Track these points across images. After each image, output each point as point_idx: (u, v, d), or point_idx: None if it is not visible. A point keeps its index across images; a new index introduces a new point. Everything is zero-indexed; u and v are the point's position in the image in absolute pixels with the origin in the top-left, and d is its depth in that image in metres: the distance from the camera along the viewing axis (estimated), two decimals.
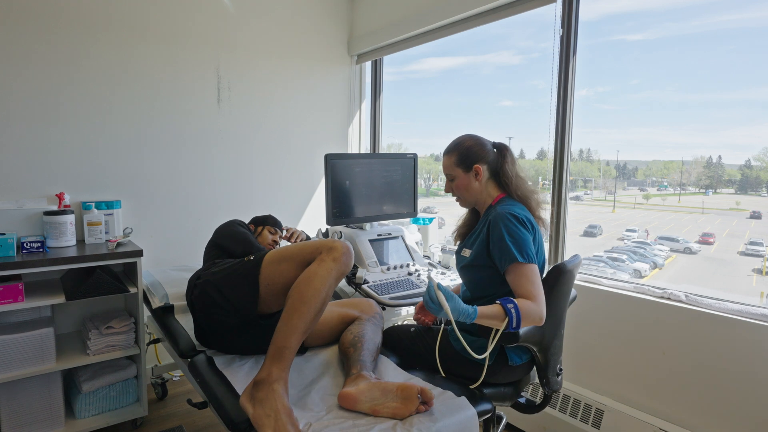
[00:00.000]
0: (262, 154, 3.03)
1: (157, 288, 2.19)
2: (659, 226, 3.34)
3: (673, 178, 3.12)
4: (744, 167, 2.81)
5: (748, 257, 2.74)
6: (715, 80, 2.63)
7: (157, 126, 2.65)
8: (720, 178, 2.90)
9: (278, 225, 2.31)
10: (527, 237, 1.49)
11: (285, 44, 3.04)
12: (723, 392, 1.73)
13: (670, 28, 2.56)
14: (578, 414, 2.05)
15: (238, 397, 1.48)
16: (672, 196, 3.12)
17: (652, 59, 2.15)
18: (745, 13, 2.38)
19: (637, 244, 3.34)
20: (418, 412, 1.34)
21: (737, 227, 2.85)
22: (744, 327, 1.68)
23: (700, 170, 2.97)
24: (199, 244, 2.79)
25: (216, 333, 1.74)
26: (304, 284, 1.44)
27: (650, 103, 2.57)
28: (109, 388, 2.26)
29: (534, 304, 1.41)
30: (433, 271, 2.24)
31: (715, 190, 2.90)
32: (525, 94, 3.92)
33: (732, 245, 2.84)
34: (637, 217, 3.57)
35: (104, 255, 2.14)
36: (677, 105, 2.79)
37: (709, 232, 2.97)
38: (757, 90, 2.49)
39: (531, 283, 1.44)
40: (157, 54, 2.61)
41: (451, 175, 1.67)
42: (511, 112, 3.93)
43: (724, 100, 2.63)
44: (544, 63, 3.63)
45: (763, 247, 2.71)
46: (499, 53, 3.85)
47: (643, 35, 2.02)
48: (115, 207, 2.49)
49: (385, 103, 3.40)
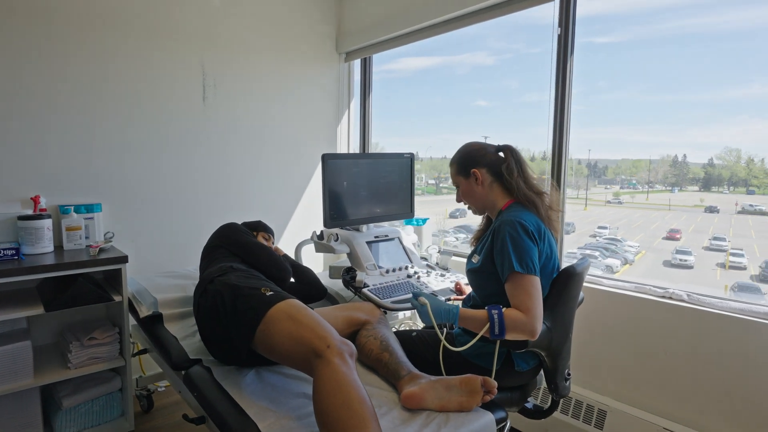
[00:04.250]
0: (249, 154, 2.92)
1: (144, 296, 2.07)
2: (629, 223, 3.42)
3: (641, 177, 3.21)
4: (707, 165, 2.93)
5: (713, 252, 2.82)
6: (679, 82, 2.73)
7: (140, 125, 2.52)
8: (685, 176, 3.00)
9: (271, 231, 2.25)
10: (530, 247, 1.44)
11: (272, 41, 2.95)
12: (727, 390, 1.74)
13: (636, 31, 2.63)
14: (581, 415, 2.04)
15: (241, 412, 1.40)
16: (640, 193, 3.19)
17: (619, 61, 2.20)
18: (707, 18, 2.45)
19: (609, 240, 3.43)
20: (483, 402, 1.39)
21: (702, 223, 2.95)
22: (746, 325, 1.70)
23: (666, 169, 3.07)
24: (185, 249, 2.69)
25: (215, 341, 1.65)
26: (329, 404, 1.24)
27: (618, 104, 2.64)
28: (92, 402, 2.14)
29: (524, 317, 1.38)
30: (431, 273, 2.19)
31: (681, 188, 3.00)
32: (499, 94, 3.96)
33: (697, 240, 2.92)
34: (607, 214, 3.65)
35: (86, 262, 2.01)
36: (644, 105, 2.88)
37: (676, 228, 3.06)
38: (718, 92, 2.58)
39: (527, 294, 1.41)
40: (140, 49, 2.48)
41: (456, 184, 1.68)
42: (486, 112, 3.96)
43: (687, 101, 2.73)
44: (517, 64, 3.69)
45: (725, 242, 2.81)
46: (474, 54, 3.87)
47: (610, 38, 2.08)
48: (95, 210, 2.35)
49: (357, 104, 3.35)
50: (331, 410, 1.23)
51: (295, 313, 1.45)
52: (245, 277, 1.68)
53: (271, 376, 1.60)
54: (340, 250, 2.14)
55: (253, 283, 1.61)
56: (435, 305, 1.49)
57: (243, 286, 1.58)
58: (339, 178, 2.16)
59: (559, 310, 1.51)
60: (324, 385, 1.27)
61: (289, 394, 1.50)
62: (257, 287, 1.58)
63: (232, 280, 1.64)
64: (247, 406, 1.43)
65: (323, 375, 1.28)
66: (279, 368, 1.65)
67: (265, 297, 1.52)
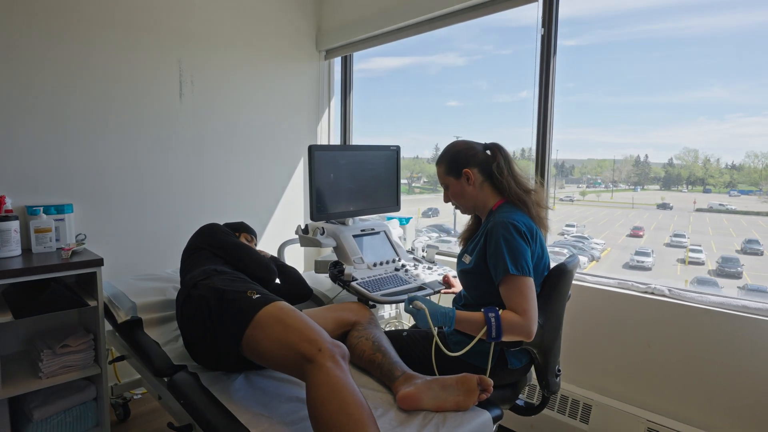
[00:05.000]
0: (228, 152, 2.85)
1: (122, 300, 1.99)
2: (595, 221, 3.52)
3: (606, 176, 3.29)
4: (667, 165, 3.05)
5: (673, 248, 2.93)
6: (641, 84, 2.84)
7: (113, 122, 2.42)
8: (647, 175, 3.12)
9: (253, 233, 2.21)
10: (524, 249, 1.44)
11: (251, 37, 2.88)
12: (707, 382, 1.80)
13: (601, 35, 2.71)
14: (566, 410, 2.07)
15: (233, 418, 1.36)
16: (605, 192, 3.28)
17: (585, 64, 2.27)
18: (669, 23, 2.55)
19: (576, 238, 3.52)
20: (479, 401, 1.39)
21: (663, 220, 3.06)
22: (724, 318, 1.75)
23: (629, 168, 3.18)
24: (162, 251, 2.60)
25: (200, 347, 1.59)
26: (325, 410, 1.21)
27: (584, 105, 2.73)
28: (65, 413, 2.03)
29: (521, 319, 1.39)
30: (419, 266, 2.18)
31: (643, 187, 3.11)
32: (470, 94, 4.01)
33: (659, 237, 3.03)
34: (575, 212, 3.75)
35: (59, 265, 1.91)
36: (609, 107, 2.98)
37: (639, 225, 3.17)
38: (677, 94, 2.70)
39: (523, 296, 1.41)
40: (114, 43, 2.38)
41: (445, 184, 1.64)
42: (457, 112, 4.01)
43: (649, 103, 2.84)
44: (487, 65, 3.75)
45: (685, 239, 2.93)
46: (445, 54, 3.91)
47: (577, 41, 2.14)
48: (66, 211, 2.24)
49: (337, 102, 3.32)
50: (327, 417, 1.19)
51: (284, 317, 1.41)
52: (230, 280, 1.62)
53: (262, 380, 1.56)
54: (327, 243, 2.10)
55: (239, 286, 1.56)
56: (432, 310, 1.47)
57: (228, 290, 1.53)
58: (325, 171, 2.12)
59: (551, 307, 1.52)
60: (318, 391, 1.23)
61: (282, 399, 1.46)
62: (243, 290, 1.53)
63: (216, 283, 1.58)
64: (239, 412, 1.38)
65: (316, 380, 1.24)
66: (269, 372, 1.61)
67: (251, 300, 1.47)
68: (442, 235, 3.93)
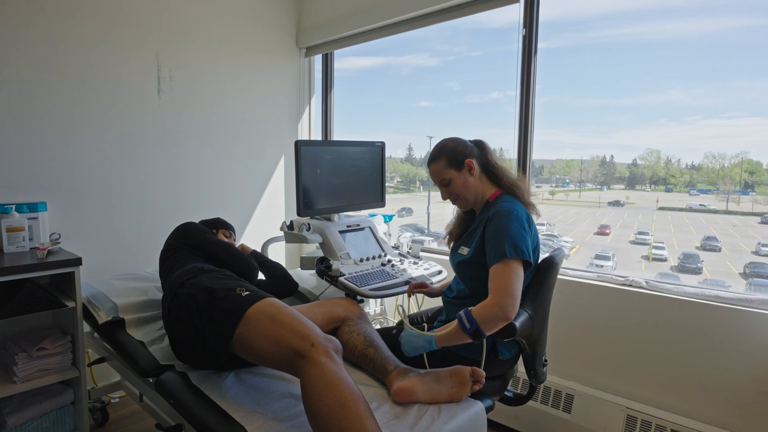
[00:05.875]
0: (207, 148, 2.80)
1: (102, 300, 1.93)
2: (564, 219, 3.62)
3: (574, 176, 3.38)
4: (631, 165, 3.18)
5: (638, 245, 3.05)
6: (607, 87, 2.94)
7: (89, 118, 2.34)
8: (612, 175, 3.23)
9: (231, 228, 2.17)
10: (523, 235, 1.47)
11: (230, 32, 2.84)
12: (683, 368, 1.88)
13: (569, 38, 2.80)
14: (549, 400, 2.12)
15: (226, 416, 1.34)
16: (573, 192, 3.39)
17: (553, 66, 2.35)
18: (633, 27, 2.66)
19: (547, 236, 3.62)
20: (472, 392, 1.41)
21: (628, 219, 3.18)
22: (699, 308, 1.84)
23: (596, 168, 3.28)
24: (140, 250, 2.53)
25: (188, 346, 1.56)
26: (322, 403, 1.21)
27: (553, 107, 2.82)
28: (41, 419, 1.96)
29: (490, 300, 1.38)
30: (405, 261, 2.19)
31: (609, 186, 3.22)
32: (441, 95, 4.05)
33: (624, 235, 3.14)
34: (544, 211, 3.86)
35: (35, 265, 1.84)
36: (575, 109, 3.08)
37: (606, 224, 3.27)
38: (641, 97, 2.81)
39: (506, 277, 1.40)
40: (89, 34, 2.30)
41: (445, 179, 1.62)
42: (429, 112, 4.04)
43: (614, 106, 2.94)
44: (459, 66, 3.80)
45: (648, 236, 3.04)
46: (417, 55, 3.94)
47: (545, 44, 2.22)
48: (39, 210, 2.15)
49: (318, 99, 3.31)
50: (325, 412, 1.19)
51: (275, 313, 1.39)
52: (218, 278, 1.60)
53: (253, 378, 1.54)
54: (313, 239, 2.09)
55: (228, 284, 1.54)
56: (411, 347, 1.50)
57: (217, 288, 1.51)
58: (312, 166, 2.11)
59: (540, 298, 1.56)
60: (314, 386, 1.22)
61: (274, 395, 1.45)
62: (232, 288, 1.51)
63: (204, 282, 1.56)
64: (231, 410, 1.36)
65: (311, 375, 1.24)
66: (260, 369, 1.60)
67: (241, 298, 1.46)
68: (416, 235, 3.96)
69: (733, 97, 2.49)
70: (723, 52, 2.42)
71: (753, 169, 2.62)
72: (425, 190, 4.08)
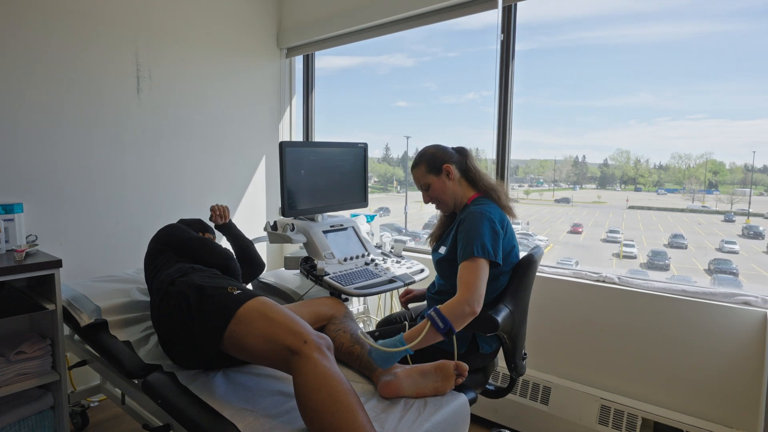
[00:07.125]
0: (188, 149, 2.78)
1: (84, 303, 1.90)
2: (538, 218, 3.73)
3: (547, 176, 3.49)
4: (602, 166, 3.30)
5: (609, 243, 3.17)
6: (579, 89, 3.06)
7: (66, 116, 2.30)
8: (585, 175, 3.35)
9: (211, 230, 2.18)
10: (492, 235, 1.53)
11: (210, 32, 2.82)
12: (653, 360, 1.98)
13: (542, 40, 2.89)
14: (527, 393, 2.20)
15: (216, 414, 1.35)
16: (547, 191, 3.49)
17: (527, 68, 2.45)
18: (604, 31, 2.76)
19: (522, 235, 3.72)
20: (456, 386, 1.47)
21: (599, 217, 3.30)
22: (667, 302, 1.94)
23: (569, 168, 3.38)
24: (119, 251, 2.51)
25: (177, 344, 1.57)
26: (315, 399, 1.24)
27: (527, 108, 2.93)
28: (19, 424, 1.92)
29: (457, 297, 1.44)
30: (387, 260, 2.23)
31: (581, 186, 3.33)
32: (418, 95, 4.10)
33: (596, 233, 3.26)
34: (519, 210, 3.95)
35: (13, 268, 1.81)
36: (549, 110, 3.18)
37: (578, 222, 3.38)
38: (611, 99, 2.93)
39: (473, 274, 1.46)
40: (67, 33, 2.26)
41: (426, 184, 1.71)
42: (406, 112, 4.08)
43: (586, 107, 3.05)
44: (435, 66, 3.85)
45: (619, 235, 3.16)
46: (393, 55, 3.97)
47: (520, 46, 2.31)
48: (15, 211, 2.11)
49: (300, 100, 3.32)
50: (318, 405, 1.23)
51: (267, 311, 1.42)
52: (209, 277, 1.61)
53: (241, 376, 1.56)
54: (297, 239, 2.11)
55: (219, 282, 1.56)
56: (382, 358, 1.48)
57: (208, 286, 1.52)
58: (296, 167, 2.13)
59: (520, 294, 1.63)
60: (307, 382, 1.25)
61: (264, 393, 1.47)
62: (224, 286, 1.53)
63: (195, 280, 1.57)
64: (221, 408, 1.38)
65: (305, 371, 1.27)
66: (248, 368, 1.61)
67: (233, 296, 1.48)
68: (393, 234, 4.00)
69: (697, 100, 2.60)
70: (687, 56, 2.53)
71: (717, 169, 2.75)
72: (402, 190, 4.11)
